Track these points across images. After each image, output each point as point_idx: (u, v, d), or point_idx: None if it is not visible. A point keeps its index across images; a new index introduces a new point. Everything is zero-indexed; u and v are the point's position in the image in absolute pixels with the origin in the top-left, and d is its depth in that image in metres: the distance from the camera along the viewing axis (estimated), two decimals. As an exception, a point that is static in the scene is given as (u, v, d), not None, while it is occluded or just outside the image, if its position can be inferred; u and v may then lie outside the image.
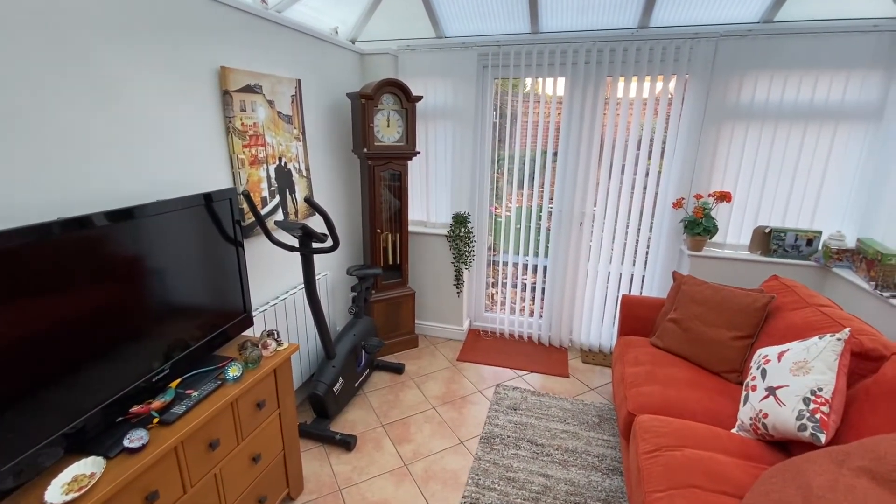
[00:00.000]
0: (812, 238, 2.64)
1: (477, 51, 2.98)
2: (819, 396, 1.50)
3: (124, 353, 1.38)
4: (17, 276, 1.08)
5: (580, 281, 3.25)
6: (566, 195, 3.08)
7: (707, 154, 2.77)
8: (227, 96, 1.94)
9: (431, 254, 3.39)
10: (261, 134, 2.16)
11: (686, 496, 1.45)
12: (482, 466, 2.21)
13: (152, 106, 1.63)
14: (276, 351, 1.79)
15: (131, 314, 1.41)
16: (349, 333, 2.67)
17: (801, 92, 2.53)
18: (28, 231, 1.10)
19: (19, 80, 1.22)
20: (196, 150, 1.83)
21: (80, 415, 1.25)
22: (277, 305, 2.32)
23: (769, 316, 2.12)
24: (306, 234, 2.07)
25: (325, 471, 2.19)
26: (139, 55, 1.56)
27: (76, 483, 1.13)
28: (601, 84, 2.84)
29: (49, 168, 1.31)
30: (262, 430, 1.75)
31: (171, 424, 1.36)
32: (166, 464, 1.32)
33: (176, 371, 1.56)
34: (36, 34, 1.25)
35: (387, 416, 2.61)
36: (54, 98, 1.31)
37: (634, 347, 2.43)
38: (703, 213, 2.74)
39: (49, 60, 1.29)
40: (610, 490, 2.06)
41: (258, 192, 2.18)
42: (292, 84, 2.37)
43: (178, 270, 1.58)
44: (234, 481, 1.62)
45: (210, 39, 1.85)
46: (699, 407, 1.93)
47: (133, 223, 1.39)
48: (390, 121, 2.86)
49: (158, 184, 1.67)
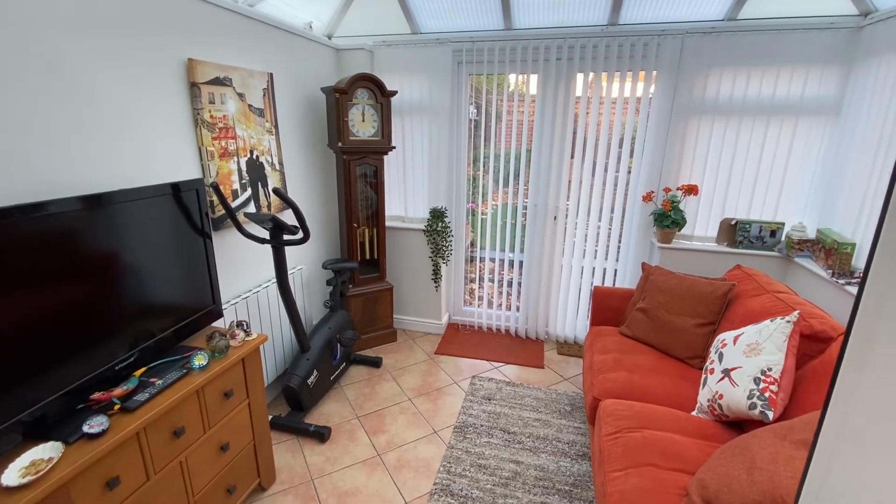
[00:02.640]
0: (775, 229, 2.73)
1: (451, 46, 3.02)
2: (768, 376, 1.56)
3: (86, 341, 1.38)
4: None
5: (555, 274, 3.30)
6: (540, 190, 3.13)
7: (675, 148, 2.84)
8: (196, 88, 1.94)
9: (409, 248, 3.42)
10: (231, 126, 2.16)
11: (642, 474, 1.50)
12: (454, 454, 2.24)
13: (118, 97, 1.63)
14: (244, 341, 1.80)
15: (94, 303, 1.41)
16: (324, 327, 2.69)
17: (764, 87, 2.61)
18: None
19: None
20: (163, 141, 1.83)
21: (38, 402, 1.25)
22: (250, 298, 2.33)
23: (730, 303, 2.19)
24: (277, 227, 2.09)
25: (299, 462, 2.20)
26: (104, 45, 1.56)
27: (34, 467, 1.13)
28: (573, 80, 2.89)
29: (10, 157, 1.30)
30: (231, 420, 1.76)
31: (133, 412, 1.36)
32: (128, 450, 1.33)
33: (142, 360, 1.56)
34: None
35: (362, 408, 2.63)
36: (15, 85, 1.31)
37: (604, 336, 2.48)
38: (672, 206, 2.81)
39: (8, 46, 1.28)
40: (578, 475, 2.11)
41: (229, 185, 2.18)
42: (264, 77, 2.38)
43: (145, 260, 1.58)
44: (201, 470, 1.63)
45: (177, 31, 1.86)
46: (662, 391, 1.99)
47: (98, 211, 1.39)
48: (365, 115, 2.88)
49: (124, 175, 1.67)
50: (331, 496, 2.00)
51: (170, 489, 1.49)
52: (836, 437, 0.46)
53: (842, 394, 0.46)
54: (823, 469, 0.48)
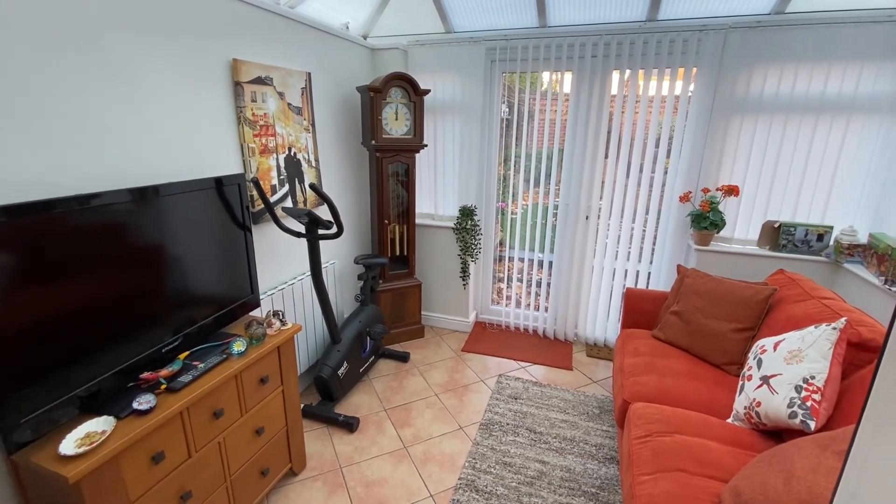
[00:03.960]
0: (823, 233, 2.60)
1: (485, 45, 3.02)
2: (811, 384, 1.50)
3: (136, 324, 1.48)
4: (37, 249, 1.18)
5: (586, 275, 3.25)
6: (572, 190, 3.09)
7: (715, 147, 2.74)
8: (239, 87, 2.03)
9: (438, 246, 3.45)
10: (271, 124, 2.25)
11: (672, 479, 1.47)
12: (480, 451, 2.25)
13: (167, 95, 1.72)
14: (279, 330, 1.87)
15: (144, 289, 1.50)
16: (355, 320, 2.75)
17: (813, 84, 2.49)
18: (44, 205, 1.19)
19: (49, 67, 1.32)
20: (207, 137, 1.92)
21: (94, 378, 1.34)
22: (285, 290, 2.41)
23: (771, 308, 2.10)
24: (312, 221, 2.15)
25: (328, 450, 2.27)
26: (156, 46, 1.66)
27: (88, 439, 1.22)
28: (608, 77, 2.84)
29: (70, 150, 1.41)
30: (266, 405, 1.83)
31: (177, 392, 1.45)
32: (172, 428, 1.41)
33: (185, 344, 1.65)
34: (58, 24, 1.35)
35: (390, 401, 2.68)
36: (81, 84, 1.41)
37: (635, 339, 2.43)
38: (710, 207, 2.72)
39: (77, 48, 1.39)
40: (605, 478, 2.08)
41: (268, 181, 2.27)
42: (303, 77, 2.46)
43: (190, 250, 1.67)
44: (238, 451, 1.70)
45: (224, 33, 1.95)
46: (695, 397, 1.94)
47: (148, 203, 1.48)
48: (398, 114, 2.92)
49: (171, 169, 1.76)
50: (358, 484, 2.05)
51: (209, 468, 1.57)
52: (872, 439, 0.45)
53: (879, 394, 0.45)
54: (859, 470, 0.47)
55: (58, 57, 1.35)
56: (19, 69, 1.26)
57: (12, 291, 1.13)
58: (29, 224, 1.16)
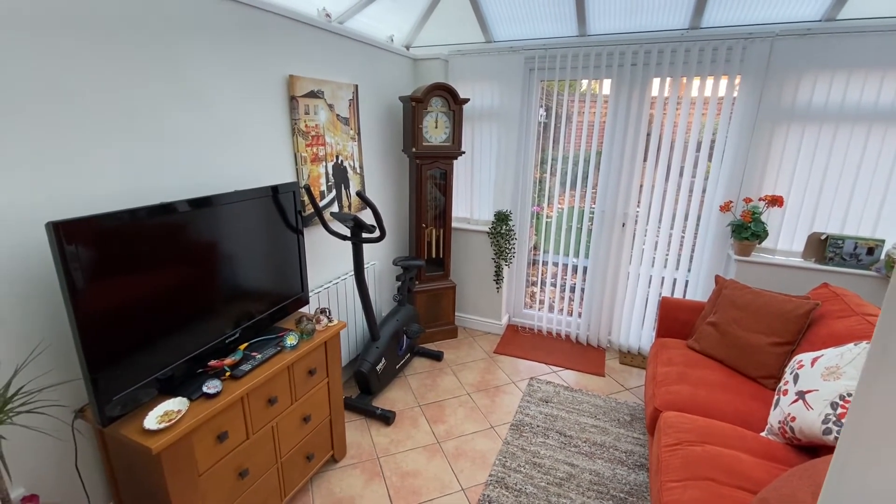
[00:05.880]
0: (874, 247, 2.51)
1: (524, 54, 3.09)
2: (848, 402, 1.49)
3: (204, 318, 1.65)
4: (125, 250, 1.36)
5: (621, 282, 3.26)
6: (609, 194, 3.11)
7: (759, 156, 2.70)
8: (294, 101, 2.19)
9: (473, 249, 3.54)
10: (321, 134, 2.41)
11: (701, 487, 1.50)
12: (510, 450, 2.33)
13: (230, 109, 1.90)
14: (327, 326, 2.02)
15: (210, 286, 1.68)
16: (392, 319, 2.89)
17: (865, 93, 2.41)
18: (130, 213, 1.37)
19: (137, 86, 1.51)
20: (265, 148, 2.10)
21: (169, 364, 1.52)
22: (330, 289, 2.57)
23: (812, 323, 2.06)
24: (357, 225, 2.30)
25: (366, 440, 2.41)
26: (221, 64, 1.84)
27: (167, 416, 1.40)
28: (648, 85, 2.84)
29: (158, 163, 1.60)
30: (313, 395, 1.98)
31: (239, 379, 1.61)
32: (234, 411, 1.58)
33: (244, 337, 1.82)
34: (141, 43, 1.54)
35: (424, 397, 2.80)
36: (165, 103, 1.60)
37: (669, 349, 2.44)
38: (752, 218, 2.67)
39: (163, 77, 1.58)
40: (634, 484, 2.11)
41: (317, 187, 2.43)
42: (350, 89, 2.61)
43: (248, 251, 1.84)
44: (288, 436, 1.86)
45: (281, 51, 2.12)
46: (729, 409, 1.94)
47: (214, 209, 1.65)
48: (438, 122, 3.04)
49: (232, 177, 1.95)
50: (394, 474, 2.18)
51: (263, 449, 1.74)
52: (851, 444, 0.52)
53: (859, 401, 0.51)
54: (838, 473, 0.54)
55: (149, 82, 1.54)
56: (131, 98, 1.46)
57: (112, 283, 1.31)
58: (130, 226, 1.34)
